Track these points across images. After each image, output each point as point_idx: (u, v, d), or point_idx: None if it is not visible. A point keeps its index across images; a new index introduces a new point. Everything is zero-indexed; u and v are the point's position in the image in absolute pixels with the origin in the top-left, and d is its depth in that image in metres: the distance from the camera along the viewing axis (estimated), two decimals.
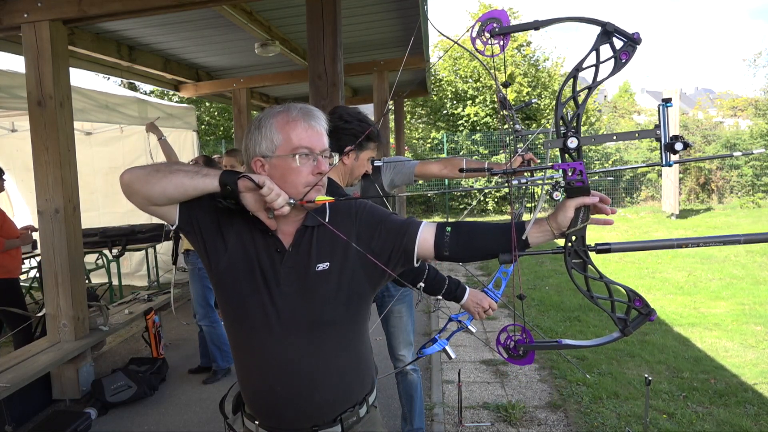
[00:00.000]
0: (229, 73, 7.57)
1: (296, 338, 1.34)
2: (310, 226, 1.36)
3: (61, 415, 3.54)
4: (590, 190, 1.19)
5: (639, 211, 14.22)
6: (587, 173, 1.17)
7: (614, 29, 1.11)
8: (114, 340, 5.30)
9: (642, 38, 1.11)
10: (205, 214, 1.36)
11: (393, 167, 2.69)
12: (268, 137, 1.32)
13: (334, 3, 3.45)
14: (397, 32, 6.14)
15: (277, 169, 1.31)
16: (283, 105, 1.37)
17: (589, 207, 1.21)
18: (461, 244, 1.32)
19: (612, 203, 1.26)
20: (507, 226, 1.27)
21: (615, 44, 1.12)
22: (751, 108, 18.13)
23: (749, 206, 14.11)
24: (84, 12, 3.60)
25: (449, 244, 1.31)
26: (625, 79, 39.34)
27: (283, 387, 1.35)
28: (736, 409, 3.45)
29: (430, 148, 16.83)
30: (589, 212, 1.22)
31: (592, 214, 1.24)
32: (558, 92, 1.14)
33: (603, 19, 1.12)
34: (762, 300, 5.88)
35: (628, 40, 1.11)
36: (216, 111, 18.19)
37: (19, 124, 6.81)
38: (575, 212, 1.21)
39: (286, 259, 1.34)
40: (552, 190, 1.19)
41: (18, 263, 4.40)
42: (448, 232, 1.31)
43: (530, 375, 4.09)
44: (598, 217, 1.25)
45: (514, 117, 2.09)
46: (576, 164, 1.15)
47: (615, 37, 1.12)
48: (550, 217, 1.25)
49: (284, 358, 1.34)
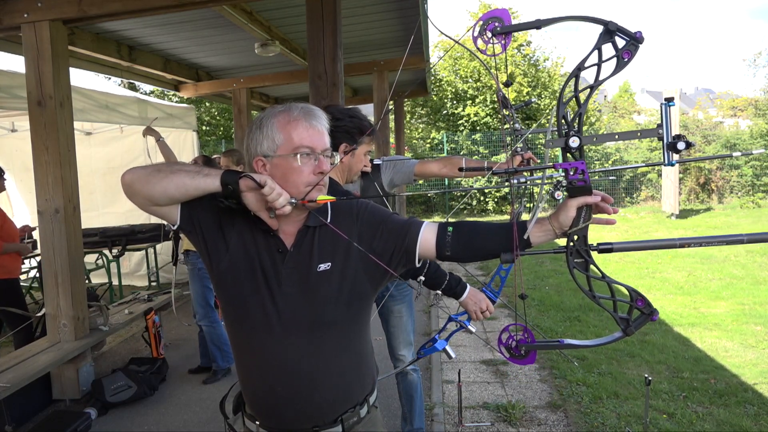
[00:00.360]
0: (229, 73, 7.57)
1: (297, 338, 1.34)
2: (312, 227, 1.36)
3: (61, 415, 3.54)
4: (592, 189, 1.19)
5: (639, 211, 14.23)
6: (589, 172, 1.17)
7: (616, 28, 1.10)
8: (114, 340, 5.30)
9: (644, 37, 1.10)
10: (206, 214, 1.36)
11: (392, 166, 2.69)
12: (270, 137, 1.31)
13: (334, 3, 3.45)
14: (397, 32, 6.14)
15: (279, 168, 1.31)
16: (284, 105, 1.37)
17: (591, 206, 1.21)
18: (462, 244, 1.31)
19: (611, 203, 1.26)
20: (508, 226, 1.26)
21: (617, 43, 1.11)
22: (751, 108, 18.14)
23: (749, 206, 14.11)
24: (84, 12, 3.60)
25: (451, 244, 1.31)
26: (625, 79, 39.37)
27: (284, 387, 1.35)
28: (736, 409, 3.45)
29: (430, 148, 16.83)
30: (591, 211, 1.22)
31: (594, 214, 1.23)
32: (560, 91, 1.13)
33: (605, 18, 1.11)
34: (762, 300, 5.88)
35: (631, 39, 1.10)
36: (216, 111, 18.19)
37: (19, 124, 6.81)
38: (577, 211, 1.20)
39: (287, 259, 1.34)
40: (554, 190, 1.18)
41: (18, 263, 4.40)
42: (450, 232, 1.31)
43: (530, 375, 4.09)
44: (600, 217, 1.25)
45: (513, 116, 2.09)
46: (578, 164, 1.15)
47: (617, 36, 1.11)
48: (552, 217, 1.25)
49: (284, 358, 1.34)
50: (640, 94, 49.58)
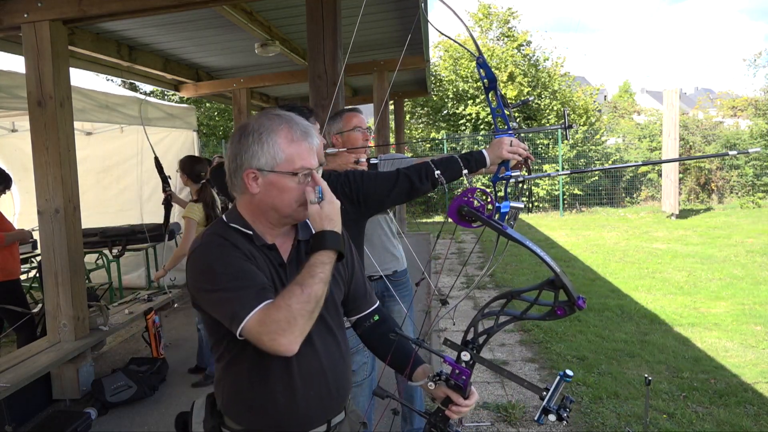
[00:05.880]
0: (229, 73, 7.57)
1: (317, 344, 1.39)
2: (303, 240, 1.43)
3: (61, 415, 3.54)
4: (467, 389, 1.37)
5: (639, 211, 14.22)
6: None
7: (561, 285, 1.23)
8: (114, 340, 5.30)
9: (584, 306, 1.24)
10: None
11: (391, 165, 2.69)
12: (270, 153, 1.31)
13: (334, 3, 3.45)
14: (397, 32, 6.15)
15: (274, 185, 1.32)
16: (277, 116, 1.36)
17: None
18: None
19: (612, 203, 1.28)
20: None
21: (558, 295, 1.24)
22: (751, 108, 18.10)
23: (749, 206, 14.11)
24: (84, 12, 3.60)
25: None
26: (625, 79, 39.35)
27: (316, 389, 1.39)
28: (736, 409, 3.44)
29: (430, 148, 16.83)
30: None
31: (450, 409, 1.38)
32: (480, 308, 1.30)
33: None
34: (762, 300, 5.88)
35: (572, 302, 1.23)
36: (216, 111, 18.20)
37: (19, 124, 6.80)
38: None
39: (289, 273, 1.38)
40: (430, 381, 1.37)
41: (18, 264, 4.40)
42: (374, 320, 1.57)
43: (530, 375, 4.09)
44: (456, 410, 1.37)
45: (512, 116, 2.09)
46: (464, 371, 1.34)
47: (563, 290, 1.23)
48: None
49: (317, 363, 1.40)
50: (640, 94, 49.56)
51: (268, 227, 1.38)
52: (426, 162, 1.88)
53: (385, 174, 1.92)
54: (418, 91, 11.75)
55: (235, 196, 1.41)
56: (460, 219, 1.43)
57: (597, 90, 20.34)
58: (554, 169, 14.97)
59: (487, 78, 1.66)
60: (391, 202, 1.96)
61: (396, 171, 1.89)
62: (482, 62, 1.66)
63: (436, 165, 1.85)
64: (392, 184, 1.88)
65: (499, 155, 1.75)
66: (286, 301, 1.19)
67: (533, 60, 17.92)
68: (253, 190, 1.33)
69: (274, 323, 1.17)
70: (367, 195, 1.91)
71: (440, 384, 1.37)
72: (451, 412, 1.37)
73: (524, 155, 1.76)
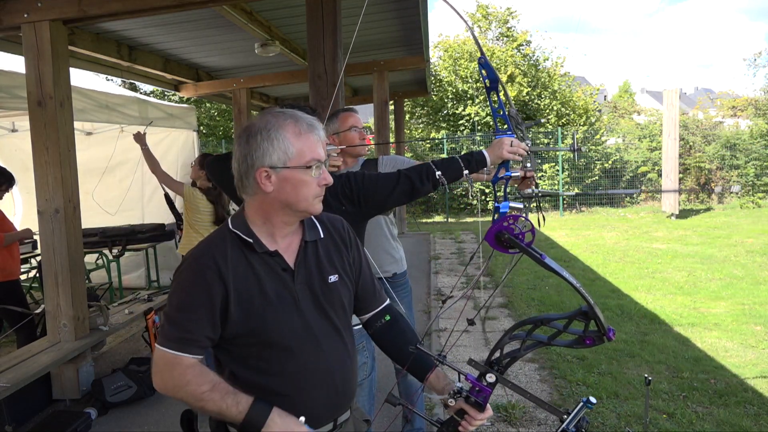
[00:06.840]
0: (229, 73, 7.57)
1: (324, 346, 1.40)
2: (310, 241, 1.42)
3: (61, 415, 3.54)
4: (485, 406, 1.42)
5: (639, 211, 14.22)
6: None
7: (594, 317, 1.26)
8: (114, 340, 5.30)
9: (614, 339, 1.26)
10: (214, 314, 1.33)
11: (392, 165, 2.69)
12: (281, 149, 1.30)
13: (334, 3, 3.45)
14: (397, 32, 6.15)
15: (289, 181, 1.31)
16: (281, 113, 1.36)
17: None
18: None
19: (612, 203, 1.28)
20: None
21: (589, 325, 1.24)
22: (751, 108, 18.09)
23: (749, 206, 14.11)
24: (84, 12, 3.60)
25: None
26: (625, 79, 39.36)
27: (327, 391, 1.41)
28: (736, 409, 3.44)
29: (430, 148, 16.82)
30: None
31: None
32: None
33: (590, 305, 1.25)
34: (762, 300, 5.88)
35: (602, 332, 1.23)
36: (216, 111, 18.20)
37: (19, 124, 6.80)
38: None
39: (296, 277, 1.37)
40: (450, 397, 1.44)
41: (17, 265, 4.40)
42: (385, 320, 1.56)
43: (530, 375, 4.09)
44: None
45: (513, 115, 2.09)
46: (484, 389, 1.39)
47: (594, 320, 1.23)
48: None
49: (324, 366, 1.40)
50: (640, 94, 49.56)
51: (280, 226, 1.37)
52: (426, 163, 1.90)
53: (386, 175, 1.93)
54: (417, 91, 11.76)
55: (245, 198, 1.39)
56: (497, 244, 1.41)
57: (597, 90, 20.32)
58: (554, 168, 15.01)
59: (489, 78, 1.66)
60: (392, 203, 1.97)
61: (397, 172, 1.90)
62: (484, 62, 1.66)
63: (436, 166, 1.86)
64: (393, 185, 1.89)
65: (499, 155, 1.77)
66: (196, 380, 1.28)
67: (533, 60, 17.91)
68: (267, 189, 1.31)
69: (169, 378, 1.30)
70: (368, 196, 1.91)
71: (459, 399, 1.43)
72: (466, 425, 1.41)
73: (525, 155, 1.76)
